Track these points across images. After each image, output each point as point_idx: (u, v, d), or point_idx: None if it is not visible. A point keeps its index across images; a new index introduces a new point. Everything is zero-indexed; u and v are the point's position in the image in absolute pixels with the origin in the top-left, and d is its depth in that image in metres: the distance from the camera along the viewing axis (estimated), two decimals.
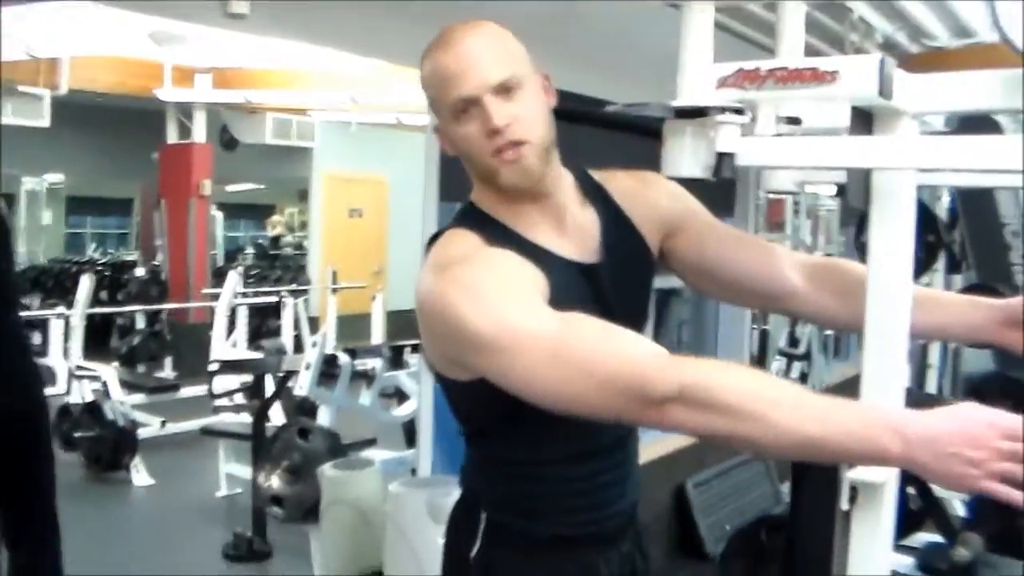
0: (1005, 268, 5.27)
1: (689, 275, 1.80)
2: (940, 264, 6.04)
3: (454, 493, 3.35)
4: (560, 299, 1.46)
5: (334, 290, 10.00)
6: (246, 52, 8.11)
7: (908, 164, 1.41)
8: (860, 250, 5.71)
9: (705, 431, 1.32)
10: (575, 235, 1.64)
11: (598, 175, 1.73)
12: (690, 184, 1.54)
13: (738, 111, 1.43)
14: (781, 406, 1.27)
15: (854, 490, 1.48)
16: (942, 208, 6.17)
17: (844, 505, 1.54)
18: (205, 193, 10.45)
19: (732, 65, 1.42)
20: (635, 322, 1.70)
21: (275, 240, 16.77)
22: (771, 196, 7.79)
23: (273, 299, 9.31)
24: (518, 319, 1.39)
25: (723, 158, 1.44)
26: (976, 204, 5.33)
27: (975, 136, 1.31)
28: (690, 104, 1.45)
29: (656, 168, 1.54)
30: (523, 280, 1.47)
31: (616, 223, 1.69)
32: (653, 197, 1.74)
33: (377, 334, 9.16)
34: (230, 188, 14.48)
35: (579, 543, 1.68)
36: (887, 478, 1.49)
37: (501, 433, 1.65)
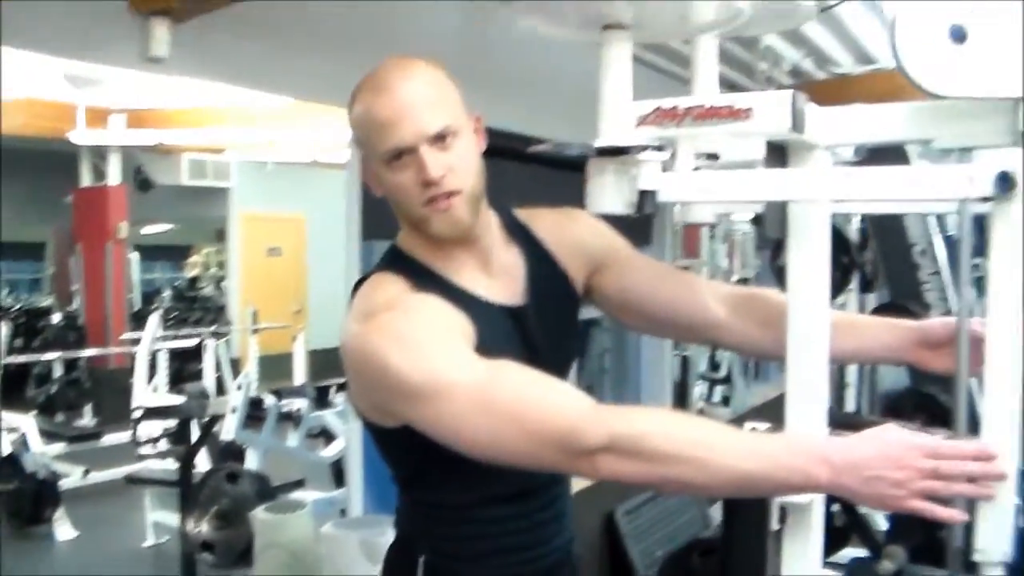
0: (915, 286, 5.44)
1: (613, 310, 1.81)
2: (854, 284, 6.22)
3: (388, 532, 3.34)
4: (486, 343, 1.46)
5: (255, 331, 9.90)
6: (161, 92, 8.04)
7: (822, 196, 1.46)
8: (777, 273, 5.85)
9: (638, 478, 1.33)
10: (501, 277, 1.64)
11: (522, 215, 1.74)
12: (619, 216, 1.57)
13: (658, 148, 1.48)
14: (712, 447, 1.29)
15: (783, 510, 1.52)
16: (853, 231, 6.34)
17: (774, 525, 1.58)
18: (122, 236, 10.30)
19: (650, 103, 1.46)
20: (563, 361, 1.72)
21: (193, 281, 16.56)
22: (687, 224, 7.91)
23: (194, 342, 9.18)
24: (446, 368, 1.38)
25: (645, 195, 1.48)
26: (886, 227, 5.51)
27: (884, 167, 1.36)
28: (611, 143, 1.49)
29: (581, 203, 1.57)
30: (450, 327, 1.46)
31: (541, 263, 1.70)
32: (577, 234, 1.75)
33: (299, 374, 9.09)
34: (145, 230, 14.29)
35: None
36: (814, 498, 1.53)
37: (432, 478, 1.63)
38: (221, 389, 8.58)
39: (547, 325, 1.66)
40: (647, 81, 1.59)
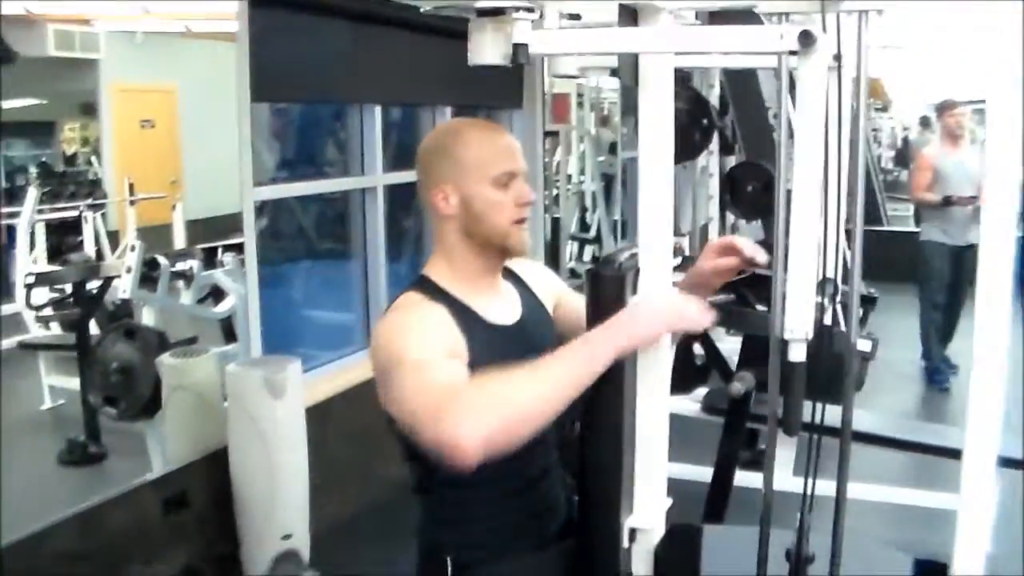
0: (769, 148, 5.85)
1: None
2: (714, 146, 6.61)
3: (288, 369, 3.65)
4: (478, 355, 1.84)
5: (132, 202, 9.90)
6: None
7: (664, 48, 1.76)
8: None
9: (510, 422, 1.64)
10: (508, 302, 2.06)
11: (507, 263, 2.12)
12: (493, 82, 1.84)
13: (529, 9, 1.75)
14: (554, 376, 1.69)
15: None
16: (714, 96, 6.71)
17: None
18: None
19: None
20: None
21: (71, 158, 16.16)
22: (556, 93, 8.19)
23: (72, 214, 9.16)
24: (417, 354, 1.73)
25: (518, 48, 1.76)
26: (742, 91, 5.88)
27: (718, 26, 1.66)
28: (490, 4, 1.75)
29: (458, 56, 1.83)
30: (442, 332, 1.83)
31: (528, 295, 2.12)
32: (547, 280, 2.22)
33: (179, 242, 9.20)
34: (7, 104, 13.83)
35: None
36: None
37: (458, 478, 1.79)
38: (100, 259, 8.64)
39: (533, 339, 2.03)
40: None
